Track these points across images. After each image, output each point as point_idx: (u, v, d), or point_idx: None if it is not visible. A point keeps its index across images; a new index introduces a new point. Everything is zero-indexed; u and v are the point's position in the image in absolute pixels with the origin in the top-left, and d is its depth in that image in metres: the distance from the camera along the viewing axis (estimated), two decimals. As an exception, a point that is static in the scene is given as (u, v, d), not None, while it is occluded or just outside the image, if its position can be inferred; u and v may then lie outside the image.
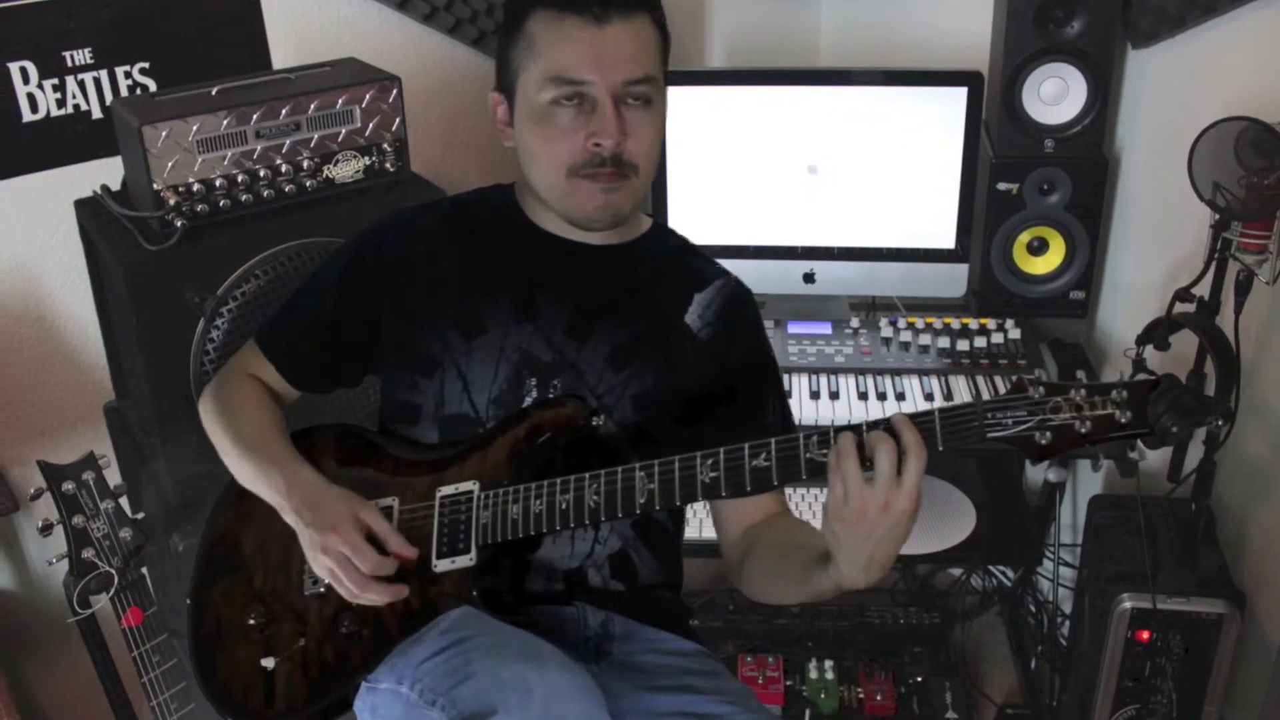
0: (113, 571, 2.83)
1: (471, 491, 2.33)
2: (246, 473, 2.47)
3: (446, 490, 2.36)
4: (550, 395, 2.42)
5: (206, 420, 2.61)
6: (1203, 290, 3.08)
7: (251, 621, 2.39)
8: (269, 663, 2.34)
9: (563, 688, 2.03)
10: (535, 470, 2.32)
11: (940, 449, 2.00)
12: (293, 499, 2.35)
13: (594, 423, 2.41)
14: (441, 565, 2.29)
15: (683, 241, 2.71)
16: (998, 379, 3.50)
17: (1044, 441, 1.95)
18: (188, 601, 2.54)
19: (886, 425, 1.99)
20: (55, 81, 3.09)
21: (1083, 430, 1.94)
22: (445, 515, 2.33)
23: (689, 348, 2.52)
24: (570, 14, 2.28)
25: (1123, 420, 1.93)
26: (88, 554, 2.80)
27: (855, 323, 3.77)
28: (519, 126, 2.41)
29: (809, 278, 3.78)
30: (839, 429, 2.03)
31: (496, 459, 2.35)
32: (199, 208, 2.88)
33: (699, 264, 2.64)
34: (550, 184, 2.40)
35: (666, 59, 2.45)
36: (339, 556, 2.25)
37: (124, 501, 2.88)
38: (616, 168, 2.33)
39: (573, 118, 2.32)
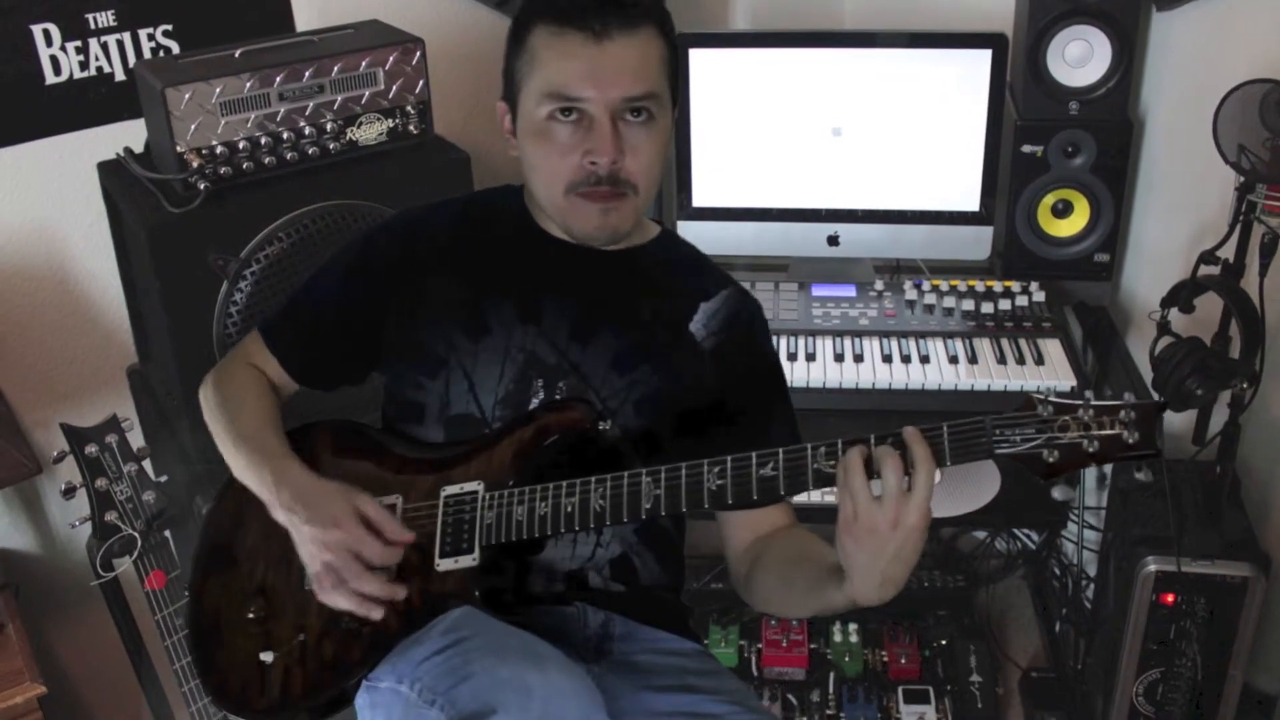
0: (136, 535, 2.84)
1: (476, 492, 2.31)
2: (239, 464, 2.45)
3: (451, 490, 2.34)
4: (557, 397, 2.41)
5: (205, 408, 2.58)
6: (1227, 253, 3.07)
7: (251, 615, 2.37)
8: (267, 657, 2.32)
9: (563, 688, 2.02)
10: (540, 472, 2.31)
11: (948, 464, 2.00)
12: (282, 495, 2.32)
13: (600, 427, 2.39)
14: (445, 564, 2.27)
15: (691, 250, 2.68)
16: (1022, 341, 3.48)
17: (1051, 460, 1.96)
18: (186, 595, 2.54)
19: (895, 439, 1.99)
20: (78, 43, 3.10)
21: (1090, 450, 1.95)
22: (449, 515, 2.32)
23: (692, 356, 2.50)
24: (570, 29, 2.25)
25: (1130, 441, 1.94)
26: (111, 517, 2.82)
27: (879, 285, 3.75)
28: (521, 139, 2.39)
29: (833, 240, 3.78)
30: (847, 441, 2.03)
31: (502, 460, 2.34)
32: (222, 170, 2.89)
33: (707, 273, 2.62)
34: (550, 199, 2.38)
35: (674, 72, 2.40)
36: (341, 551, 2.23)
37: (147, 464, 2.89)
38: (613, 186, 2.31)
39: (570, 134, 2.29)
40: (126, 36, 3.17)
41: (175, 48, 3.25)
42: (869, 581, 2.01)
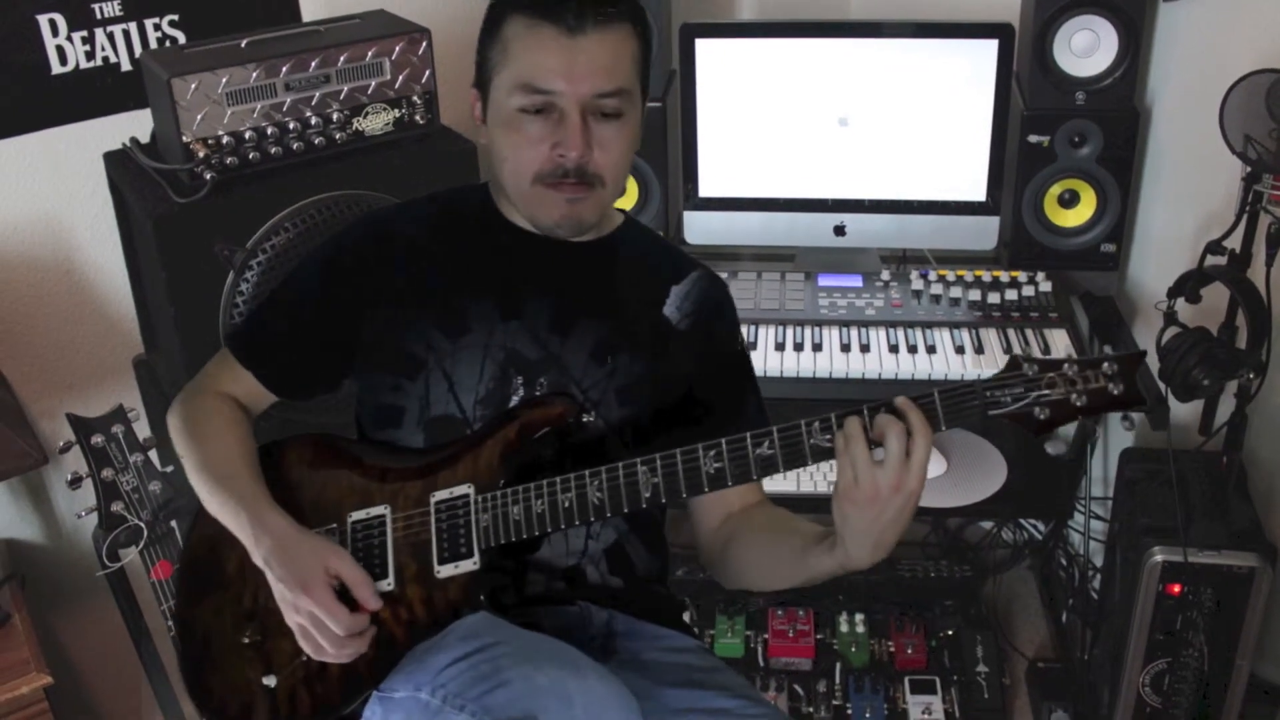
0: (142, 525, 2.84)
1: (467, 494, 2.30)
2: (214, 505, 2.41)
3: (441, 495, 2.32)
4: (537, 393, 2.40)
5: (174, 439, 2.54)
6: (1234, 243, 3.07)
7: (246, 640, 2.34)
8: (270, 681, 2.30)
9: (602, 695, 2.03)
10: (527, 470, 2.30)
11: (942, 428, 2.04)
12: (261, 547, 2.29)
13: (584, 419, 2.39)
14: (445, 571, 2.26)
15: (655, 235, 2.70)
16: (1028, 331, 3.49)
17: (1043, 417, 2.02)
18: (170, 623, 2.52)
19: (889, 407, 2.03)
20: (84, 34, 3.10)
21: (1079, 404, 2.01)
22: (443, 520, 2.30)
23: (669, 339, 2.50)
24: (545, 22, 2.25)
25: (1115, 392, 2.02)
26: (117, 507, 2.81)
27: (886, 275, 3.76)
28: (490, 128, 2.40)
29: (840, 230, 3.77)
30: (841, 414, 2.07)
31: (489, 460, 2.32)
32: (228, 160, 2.89)
33: (673, 257, 2.63)
34: (516, 189, 2.38)
35: (646, 69, 2.40)
36: (311, 618, 2.21)
37: (153, 455, 2.88)
38: (580, 179, 2.31)
39: (540, 126, 2.29)
40: (132, 26, 3.17)
41: (181, 38, 3.24)
42: (863, 546, 2.05)
